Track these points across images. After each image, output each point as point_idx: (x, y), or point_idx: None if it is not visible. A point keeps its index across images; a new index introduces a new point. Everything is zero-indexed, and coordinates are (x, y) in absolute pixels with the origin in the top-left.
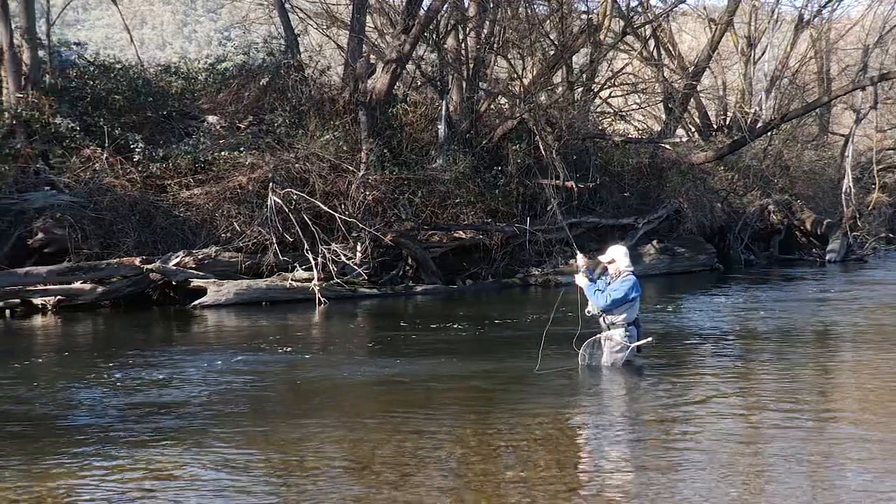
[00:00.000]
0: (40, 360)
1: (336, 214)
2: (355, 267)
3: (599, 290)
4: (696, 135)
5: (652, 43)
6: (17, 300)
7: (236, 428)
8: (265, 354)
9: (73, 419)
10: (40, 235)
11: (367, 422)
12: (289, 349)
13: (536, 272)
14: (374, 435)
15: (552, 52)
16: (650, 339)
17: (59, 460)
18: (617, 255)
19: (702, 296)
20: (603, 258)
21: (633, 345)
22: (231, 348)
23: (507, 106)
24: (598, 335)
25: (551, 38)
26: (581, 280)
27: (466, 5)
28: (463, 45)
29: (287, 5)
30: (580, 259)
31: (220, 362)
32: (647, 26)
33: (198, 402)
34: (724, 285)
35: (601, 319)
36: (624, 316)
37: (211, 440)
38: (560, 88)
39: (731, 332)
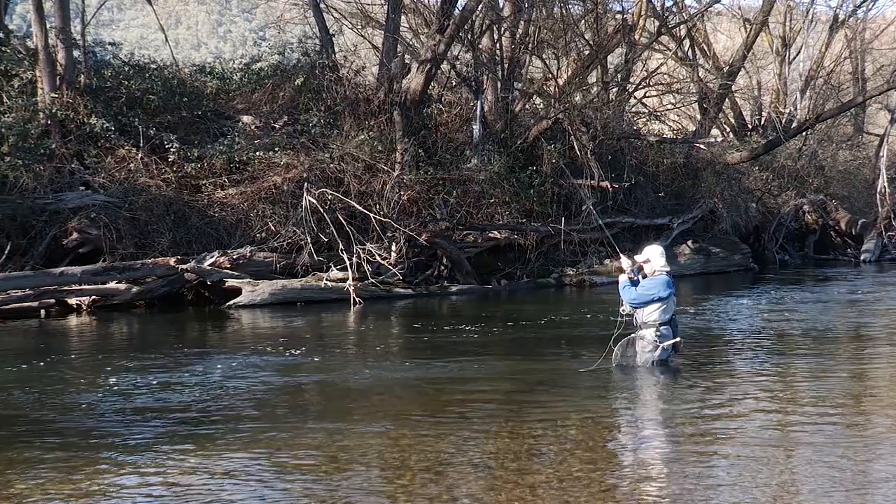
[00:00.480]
0: (74, 359)
1: (371, 214)
2: (390, 267)
3: (630, 285)
4: (731, 135)
5: (687, 43)
6: (52, 300)
7: (270, 429)
8: (299, 356)
9: (109, 419)
10: (75, 235)
11: (401, 422)
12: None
13: (571, 272)
14: (409, 435)
15: (587, 52)
16: (678, 339)
17: (96, 458)
18: (652, 255)
19: (736, 296)
20: (638, 257)
21: (663, 344)
22: (266, 349)
23: (541, 106)
24: (631, 335)
25: (586, 37)
26: (622, 277)
27: (501, 5)
28: (498, 44)
29: (322, 5)
30: (624, 262)
31: (254, 363)
32: (681, 26)
33: (231, 403)
34: (758, 285)
35: (634, 319)
36: (655, 316)
37: (243, 441)
38: (595, 88)
39: (766, 332)
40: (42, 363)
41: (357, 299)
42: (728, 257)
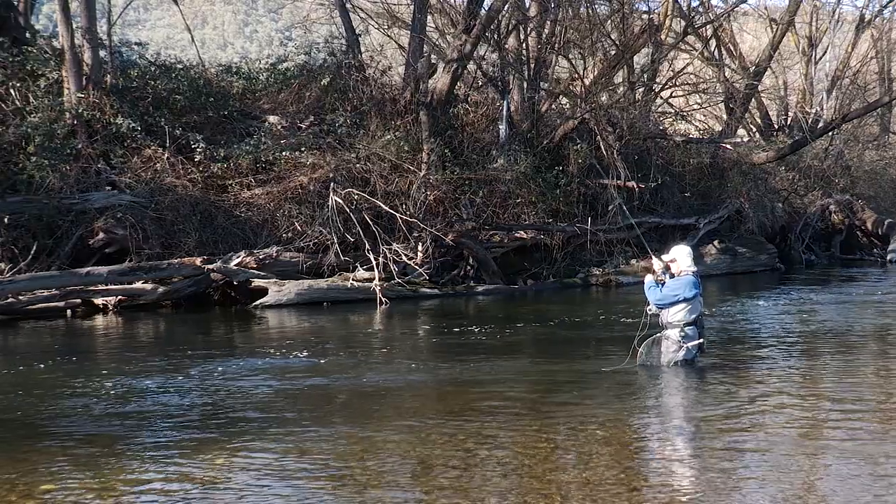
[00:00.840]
0: (100, 359)
1: (397, 214)
2: (416, 267)
3: (656, 286)
4: (757, 135)
5: (713, 43)
6: (79, 300)
7: (297, 429)
8: (326, 356)
9: (135, 418)
10: (101, 235)
11: (428, 423)
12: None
13: (597, 272)
14: (436, 436)
15: (613, 52)
16: (701, 340)
17: (123, 458)
18: (679, 255)
19: (762, 296)
20: (665, 257)
21: (687, 345)
22: (292, 350)
23: (568, 106)
24: (657, 335)
25: (612, 37)
26: (648, 277)
27: (527, 5)
28: (524, 44)
29: (348, 5)
30: (655, 263)
31: (280, 364)
32: (708, 26)
33: (258, 403)
34: (784, 286)
35: (660, 319)
36: (680, 316)
37: (270, 441)
38: (621, 88)
39: (791, 332)
40: (68, 363)
41: (383, 299)
42: (754, 257)
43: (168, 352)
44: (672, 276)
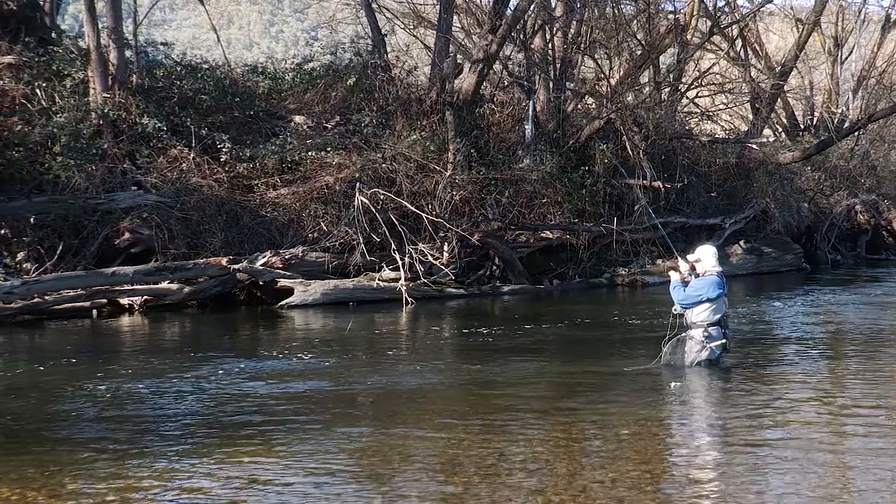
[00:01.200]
0: (126, 359)
1: (423, 214)
2: (442, 267)
3: (681, 286)
4: (783, 135)
5: (739, 43)
6: (104, 300)
7: (323, 431)
8: (353, 357)
9: (162, 418)
10: (127, 235)
11: (453, 422)
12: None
13: (623, 272)
14: (461, 435)
15: (639, 52)
16: (724, 340)
17: (149, 457)
18: (704, 255)
19: (788, 296)
20: (690, 257)
21: (710, 345)
22: (318, 350)
23: (594, 106)
24: (682, 335)
25: (638, 37)
26: (674, 276)
27: (553, 5)
28: (550, 44)
29: (374, 5)
30: (682, 265)
31: (306, 364)
32: (734, 26)
33: (283, 405)
34: (810, 286)
35: (685, 319)
36: (704, 316)
37: (298, 443)
38: (647, 88)
39: (817, 333)
40: (94, 363)
41: (409, 299)
42: (780, 257)
43: (194, 352)
44: (697, 276)
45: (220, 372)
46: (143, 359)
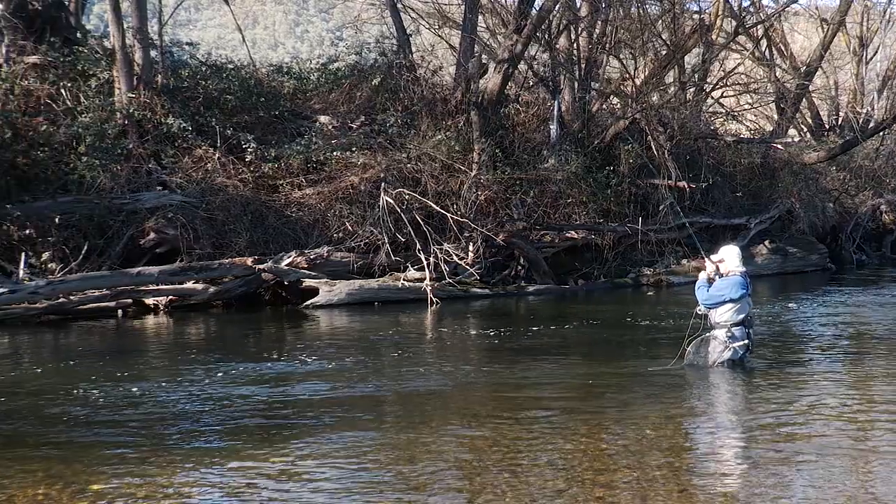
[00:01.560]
0: (153, 358)
1: (448, 214)
2: (467, 267)
3: (705, 286)
4: (808, 135)
5: (764, 43)
6: (130, 300)
7: (348, 432)
8: (377, 358)
9: (187, 417)
10: (152, 235)
11: (479, 422)
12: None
13: (648, 272)
14: (486, 435)
15: (664, 52)
16: (747, 341)
17: (175, 457)
18: (727, 255)
19: (813, 296)
20: (714, 257)
21: (733, 345)
22: (343, 351)
23: (619, 106)
24: (705, 335)
25: (663, 37)
26: (701, 275)
27: (578, 5)
28: (575, 45)
29: (399, 5)
30: (709, 266)
31: (332, 364)
32: (759, 26)
33: (309, 405)
34: (835, 286)
35: (708, 319)
36: (727, 316)
37: (322, 444)
38: (672, 88)
39: (842, 333)
40: (119, 363)
41: (434, 299)
42: (805, 257)
43: (219, 352)
44: (721, 276)
45: (247, 373)
46: (169, 359)
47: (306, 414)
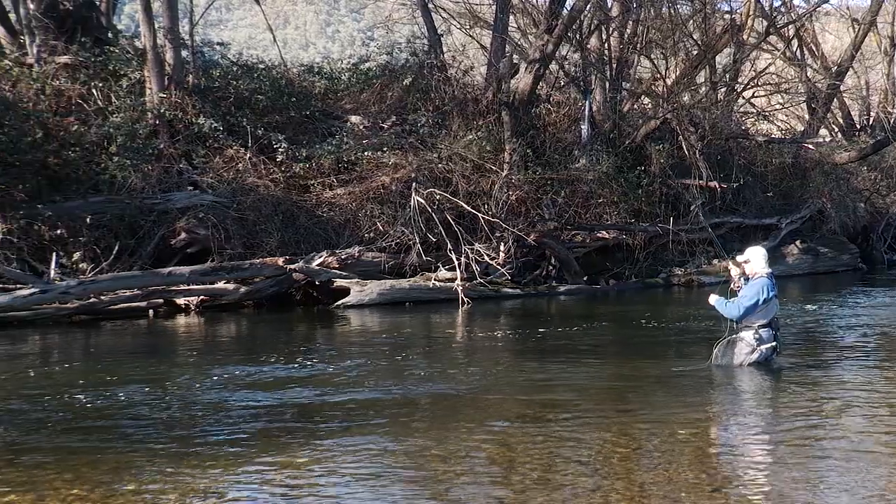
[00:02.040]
0: (187, 359)
1: (479, 214)
2: (498, 267)
3: (730, 301)
4: (840, 135)
5: (795, 43)
6: (161, 300)
7: (380, 432)
8: (410, 358)
9: (221, 417)
10: (183, 235)
11: (509, 423)
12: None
13: (679, 272)
14: (517, 435)
15: (695, 52)
16: (774, 343)
17: (209, 457)
18: (753, 257)
19: (844, 296)
20: (740, 257)
21: (761, 347)
22: (376, 351)
23: (650, 106)
24: (731, 336)
25: (694, 37)
26: (712, 298)
27: (609, 5)
28: (606, 44)
29: (430, 5)
30: (733, 270)
31: (364, 365)
32: (790, 26)
33: (340, 405)
34: (866, 286)
35: (734, 321)
36: (754, 318)
37: (353, 445)
38: (703, 88)
39: (872, 333)
40: (155, 362)
41: (465, 299)
42: (836, 257)
43: (250, 353)
44: (747, 278)
45: (279, 373)
46: (199, 360)
47: (334, 416)
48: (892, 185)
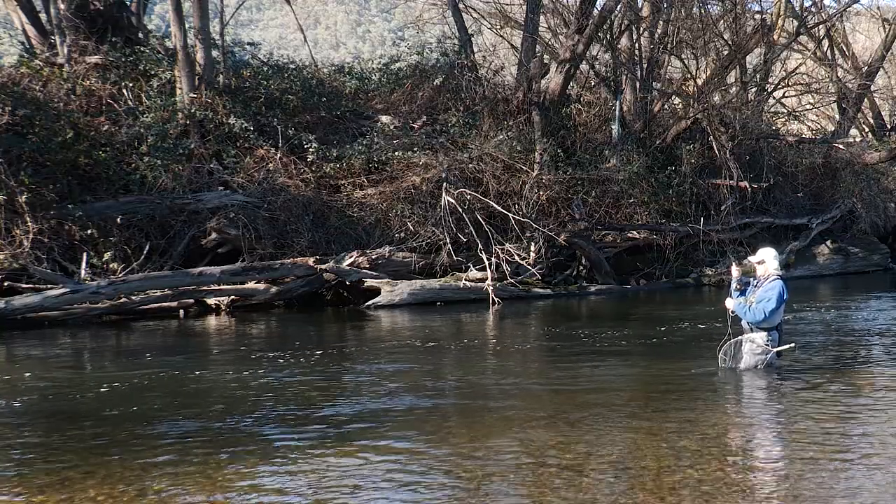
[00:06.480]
0: (217, 359)
1: (510, 214)
2: (529, 267)
3: (747, 306)
4: (870, 135)
5: (826, 43)
6: (191, 300)
7: (412, 431)
8: (440, 357)
9: (250, 418)
10: (214, 235)
11: (539, 422)
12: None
13: (710, 272)
14: (547, 436)
15: (726, 52)
16: (792, 344)
17: (237, 458)
18: (767, 257)
19: (874, 296)
20: (753, 258)
21: (774, 349)
22: (407, 351)
23: (680, 106)
24: (739, 337)
25: (725, 38)
26: (729, 303)
27: (640, 5)
28: (636, 45)
29: (461, 5)
30: (734, 270)
31: (393, 365)
32: (820, 26)
33: (369, 406)
34: None
35: (744, 322)
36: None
37: (384, 445)
38: (734, 88)
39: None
40: (185, 363)
41: (496, 299)
42: (867, 257)
43: (280, 352)
44: (748, 279)
45: (310, 373)
46: (229, 359)
47: (366, 416)
48: None
